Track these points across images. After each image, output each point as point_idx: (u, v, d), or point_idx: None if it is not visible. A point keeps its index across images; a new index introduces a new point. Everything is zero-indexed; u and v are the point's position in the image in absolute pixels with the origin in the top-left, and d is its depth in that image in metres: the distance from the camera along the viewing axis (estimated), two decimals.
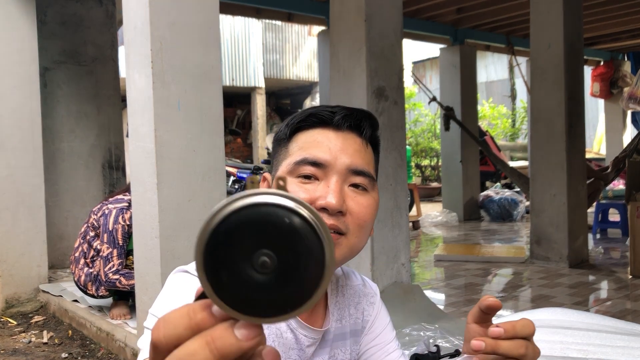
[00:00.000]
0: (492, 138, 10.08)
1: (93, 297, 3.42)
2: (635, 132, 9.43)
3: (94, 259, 3.37)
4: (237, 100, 14.75)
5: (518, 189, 8.28)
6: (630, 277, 4.47)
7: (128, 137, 2.63)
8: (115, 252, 3.22)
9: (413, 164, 12.46)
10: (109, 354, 3.18)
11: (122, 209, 3.29)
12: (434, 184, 12.11)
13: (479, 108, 11.45)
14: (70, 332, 3.61)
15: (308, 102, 14.06)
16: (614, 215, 6.78)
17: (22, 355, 3.24)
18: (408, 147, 10.71)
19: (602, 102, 11.39)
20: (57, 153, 4.85)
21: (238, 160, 10.85)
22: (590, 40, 9.10)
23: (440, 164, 9.55)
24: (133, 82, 2.49)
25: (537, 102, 5.00)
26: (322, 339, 0.89)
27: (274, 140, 0.89)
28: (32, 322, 3.91)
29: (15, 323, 3.90)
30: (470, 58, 8.09)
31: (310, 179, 0.81)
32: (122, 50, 4.19)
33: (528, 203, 6.62)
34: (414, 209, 7.88)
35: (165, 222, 2.41)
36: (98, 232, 3.37)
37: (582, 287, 4.21)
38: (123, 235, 3.24)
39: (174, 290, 0.79)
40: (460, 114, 7.63)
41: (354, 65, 3.60)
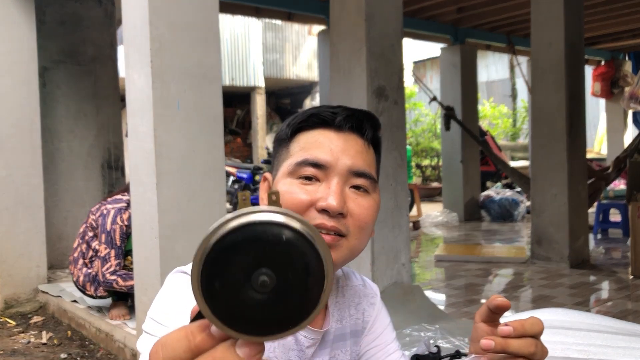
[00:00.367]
0: (492, 138, 10.07)
1: (92, 297, 3.41)
2: (636, 132, 9.42)
3: (93, 260, 3.36)
4: (237, 100, 14.75)
5: (519, 189, 8.27)
6: (631, 277, 4.46)
7: (127, 137, 2.63)
8: (113, 252, 3.21)
9: (413, 164, 12.45)
10: (108, 355, 3.17)
11: (120, 209, 3.28)
12: (435, 184, 12.10)
13: (480, 108, 11.44)
14: (70, 332, 3.61)
15: (308, 102, 14.06)
16: (615, 216, 6.77)
17: (21, 356, 3.23)
18: (408, 147, 10.70)
19: (603, 101, 11.38)
20: (56, 153, 4.84)
21: (238, 160, 10.85)
22: (591, 40, 9.09)
23: (441, 164, 9.54)
24: (132, 81, 2.48)
25: (537, 101, 4.99)
26: (322, 340, 0.88)
27: (275, 140, 0.88)
28: (31, 322, 3.91)
29: (15, 323, 3.89)
30: (471, 58, 8.08)
31: (311, 180, 0.80)
32: (121, 50, 4.18)
33: (529, 203, 6.61)
34: (415, 209, 7.87)
35: (165, 222, 2.40)
36: (97, 232, 3.36)
37: (583, 287, 4.20)
38: (121, 236, 3.23)
39: (173, 293, 0.78)
40: (461, 114, 7.62)
41: (354, 65, 3.59)
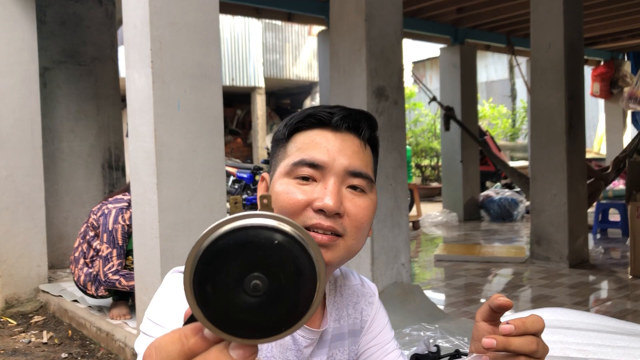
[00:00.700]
0: (492, 138, 10.07)
1: (93, 297, 3.41)
2: (636, 132, 9.42)
3: (94, 259, 3.37)
4: (237, 100, 14.75)
5: (518, 189, 8.28)
6: (631, 277, 4.46)
7: (128, 137, 2.63)
8: (115, 252, 3.21)
9: (413, 164, 12.46)
10: (109, 354, 3.18)
11: (121, 209, 3.29)
12: (434, 184, 12.11)
13: (479, 108, 11.44)
14: (70, 332, 3.61)
15: (308, 102, 14.06)
16: (614, 215, 6.77)
17: (21, 355, 3.24)
18: (408, 147, 10.71)
19: (602, 102, 11.39)
20: (56, 153, 4.85)
21: (238, 160, 10.85)
22: (591, 40, 9.09)
23: (440, 164, 9.55)
24: (133, 81, 2.49)
25: (537, 102, 4.99)
26: (320, 339, 0.88)
27: (273, 140, 0.89)
28: (31, 322, 3.91)
29: (15, 323, 3.89)
30: (471, 58, 8.09)
31: (308, 180, 0.80)
32: (121, 50, 4.19)
33: (528, 203, 6.61)
34: (414, 209, 7.88)
35: (165, 222, 2.41)
36: (98, 232, 3.37)
37: (582, 287, 4.21)
38: (122, 235, 3.24)
39: (170, 293, 0.78)
40: (461, 114, 7.63)
41: (354, 65, 3.60)
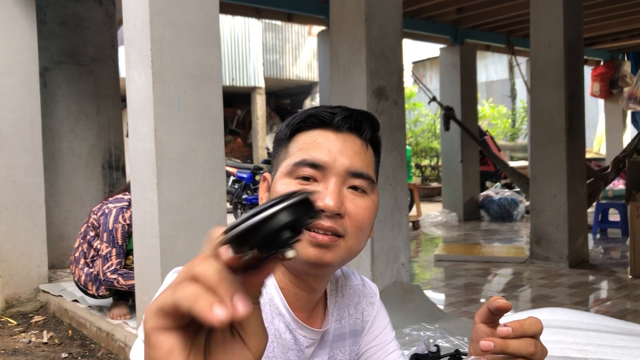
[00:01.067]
0: (492, 138, 10.08)
1: (93, 297, 3.41)
2: (635, 132, 9.43)
3: (94, 259, 3.37)
4: (237, 100, 14.75)
5: (518, 189, 8.28)
6: (630, 277, 4.47)
7: (128, 137, 2.64)
8: (114, 251, 3.21)
9: (413, 164, 12.46)
10: (109, 354, 3.18)
11: (122, 209, 3.29)
12: (434, 184, 12.11)
13: (479, 108, 11.45)
14: (70, 332, 3.61)
15: (308, 102, 14.06)
16: (614, 215, 6.78)
17: (22, 355, 3.24)
18: (408, 147, 10.71)
19: (602, 102, 11.39)
20: (57, 153, 4.85)
21: (238, 160, 10.86)
22: (590, 40, 9.09)
23: (440, 164, 9.55)
24: (133, 82, 2.49)
25: (537, 102, 5.00)
26: (321, 340, 0.89)
27: (275, 141, 0.89)
28: (32, 322, 3.91)
29: (15, 323, 3.90)
30: (470, 58, 8.09)
31: (309, 181, 0.80)
32: (122, 50, 4.19)
33: (528, 203, 6.61)
34: (414, 209, 7.88)
35: (165, 222, 2.41)
36: (98, 231, 3.37)
37: (582, 287, 4.21)
38: (122, 235, 3.24)
39: None
40: (460, 114, 7.63)
41: (354, 65, 3.60)
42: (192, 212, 2.48)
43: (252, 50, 13.16)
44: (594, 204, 6.51)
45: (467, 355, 0.76)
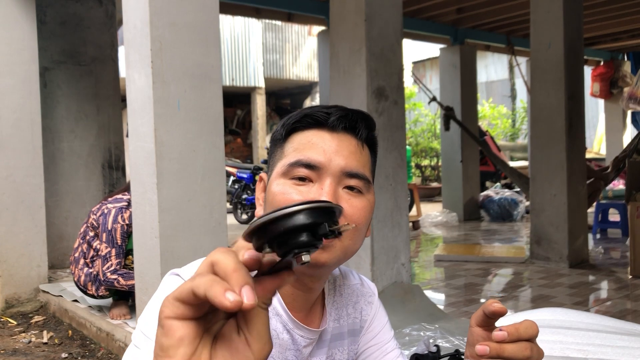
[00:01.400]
0: (492, 138, 10.08)
1: (93, 297, 3.42)
2: (635, 132, 9.43)
3: (94, 259, 3.37)
4: (237, 100, 14.75)
5: (518, 189, 8.28)
6: (630, 277, 4.47)
7: (128, 137, 2.64)
8: (114, 251, 3.22)
9: (413, 164, 12.47)
10: (109, 354, 3.18)
11: (121, 209, 3.29)
12: (434, 184, 12.11)
13: (479, 108, 11.45)
14: (70, 332, 3.61)
15: (308, 102, 14.07)
16: (614, 215, 6.78)
17: (22, 355, 3.24)
18: (408, 147, 10.71)
19: (602, 102, 11.39)
20: (57, 153, 4.85)
21: (238, 160, 10.86)
22: (590, 40, 9.10)
23: (440, 164, 9.55)
24: (133, 82, 2.49)
25: (537, 102, 5.00)
26: (319, 339, 0.88)
27: (271, 141, 0.89)
28: (32, 322, 3.91)
29: (15, 323, 3.90)
30: (470, 58, 8.09)
31: (304, 181, 0.80)
32: (122, 50, 4.19)
33: (528, 203, 6.62)
34: (414, 209, 7.88)
35: (165, 222, 2.41)
36: (97, 232, 3.37)
37: (582, 287, 4.21)
38: (122, 235, 3.24)
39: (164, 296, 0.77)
40: (460, 114, 7.63)
41: (354, 65, 3.61)
42: (192, 212, 2.48)
43: (252, 50, 13.16)
44: (594, 204, 6.52)
45: (465, 357, 0.76)
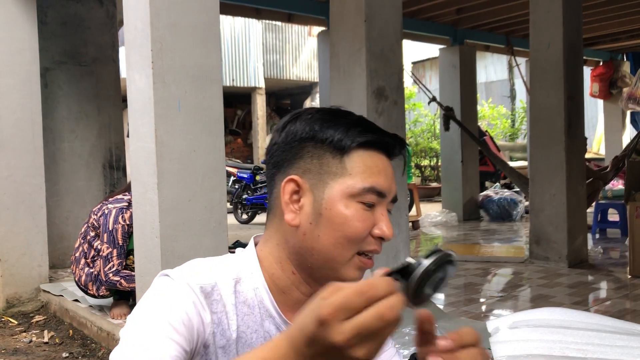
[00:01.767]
0: (491, 138, 10.09)
1: (94, 296, 3.43)
2: (635, 132, 9.44)
3: (95, 259, 3.38)
4: (237, 101, 14.76)
5: (517, 189, 8.29)
6: (630, 277, 4.47)
7: (128, 137, 2.65)
8: (115, 252, 3.22)
9: (413, 164, 12.47)
10: (110, 354, 3.19)
11: (121, 209, 3.30)
12: (434, 184, 12.12)
13: (479, 108, 11.45)
14: (71, 331, 3.62)
15: (308, 102, 14.07)
16: (613, 215, 6.78)
17: (23, 355, 3.25)
18: (408, 147, 10.69)
19: (601, 102, 11.39)
20: (57, 153, 4.86)
21: (238, 161, 10.87)
22: (590, 41, 9.10)
23: (440, 164, 9.56)
24: (133, 82, 2.50)
25: (536, 102, 5.00)
26: None
27: (306, 138, 0.82)
28: (33, 321, 3.92)
29: (16, 323, 3.91)
30: (470, 58, 8.10)
31: (372, 208, 0.82)
32: (122, 51, 4.20)
33: (527, 203, 6.62)
34: (414, 209, 7.89)
35: (166, 222, 2.42)
36: (98, 232, 3.38)
37: (581, 286, 4.22)
38: (123, 235, 3.25)
39: (161, 297, 0.78)
40: (460, 114, 7.64)
41: (354, 66, 3.61)
42: (192, 212, 2.49)
43: (252, 51, 13.17)
44: (594, 204, 6.52)
45: None
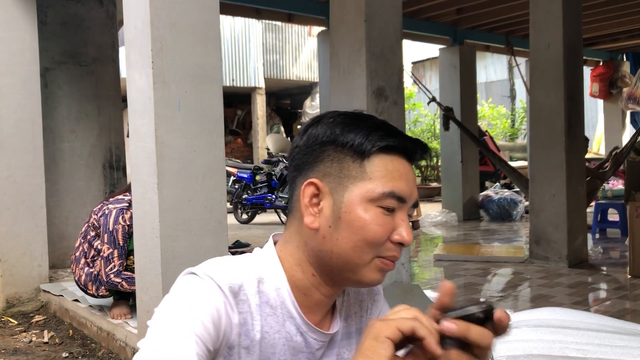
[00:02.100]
0: (491, 138, 10.09)
1: (93, 296, 3.42)
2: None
3: (95, 259, 3.38)
4: (237, 100, 14.75)
5: (517, 189, 8.29)
6: (629, 276, 4.48)
7: (128, 137, 2.65)
8: (116, 252, 3.22)
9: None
10: (110, 354, 3.19)
11: (122, 209, 3.30)
12: (434, 184, 12.13)
13: (479, 108, 11.45)
14: (71, 331, 3.62)
15: (308, 102, 14.06)
16: (613, 215, 6.79)
17: (23, 355, 3.25)
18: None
19: (601, 102, 11.40)
20: (57, 153, 4.86)
21: (238, 160, 10.86)
22: (590, 41, 9.11)
23: (440, 164, 9.56)
24: (133, 82, 2.50)
25: (536, 102, 5.01)
26: (330, 340, 0.90)
27: (327, 141, 0.83)
28: (32, 321, 3.92)
29: (16, 322, 3.91)
30: (470, 58, 8.10)
31: (392, 212, 0.82)
32: (122, 51, 4.20)
33: (527, 203, 6.62)
34: None
35: (166, 222, 2.42)
36: (98, 232, 3.38)
37: (581, 286, 4.22)
38: (123, 236, 3.25)
39: (190, 295, 0.77)
40: (460, 114, 7.64)
41: (354, 66, 3.62)
42: (192, 212, 2.49)
43: (252, 51, 13.17)
44: (593, 204, 6.52)
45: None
